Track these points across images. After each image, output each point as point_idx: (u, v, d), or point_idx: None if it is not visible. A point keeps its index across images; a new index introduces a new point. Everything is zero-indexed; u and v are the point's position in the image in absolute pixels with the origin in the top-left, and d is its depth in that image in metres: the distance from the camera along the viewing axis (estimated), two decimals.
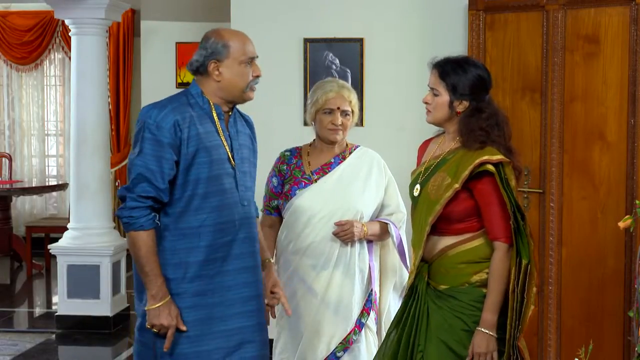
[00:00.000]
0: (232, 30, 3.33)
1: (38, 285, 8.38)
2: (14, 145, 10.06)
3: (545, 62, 4.50)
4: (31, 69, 9.94)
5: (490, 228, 3.03)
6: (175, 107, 3.15)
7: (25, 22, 9.74)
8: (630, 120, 4.24)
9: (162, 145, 3.08)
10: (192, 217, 3.12)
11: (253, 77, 3.20)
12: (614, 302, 4.34)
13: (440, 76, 3.12)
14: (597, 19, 4.34)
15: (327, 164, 3.76)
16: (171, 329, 3.09)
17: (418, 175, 3.24)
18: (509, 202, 2.99)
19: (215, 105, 3.22)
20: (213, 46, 3.20)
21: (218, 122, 3.21)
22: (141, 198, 3.07)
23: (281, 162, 3.82)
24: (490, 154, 3.02)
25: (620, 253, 4.31)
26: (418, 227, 3.16)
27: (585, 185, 4.40)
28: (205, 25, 7.86)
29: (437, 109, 3.15)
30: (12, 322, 7.00)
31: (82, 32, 6.54)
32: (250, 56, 3.20)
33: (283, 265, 3.78)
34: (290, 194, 3.71)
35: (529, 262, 2.99)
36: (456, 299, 3.06)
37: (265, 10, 5.44)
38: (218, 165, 3.15)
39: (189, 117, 3.14)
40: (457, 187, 3.02)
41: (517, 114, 4.58)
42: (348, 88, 3.77)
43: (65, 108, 9.88)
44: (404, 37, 5.31)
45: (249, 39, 3.26)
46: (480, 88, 3.13)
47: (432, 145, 3.30)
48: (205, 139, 3.14)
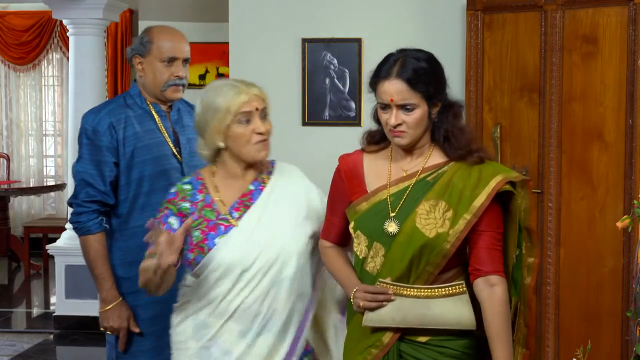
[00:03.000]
0: (163, 28, 3.32)
1: (36, 285, 8.37)
2: (12, 146, 10.06)
3: (544, 62, 4.50)
4: (29, 69, 9.94)
5: (485, 260, 2.44)
6: (110, 110, 3.20)
7: (23, 22, 9.73)
8: (629, 120, 4.24)
9: (100, 149, 3.13)
10: (140, 215, 3.14)
11: (174, 76, 3.20)
12: (612, 302, 4.34)
13: (411, 85, 2.43)
14: (595, 19, 4.34)
15: (246, 195, 2.76)
16: (122, 330, 3.14)
17: (380, 205, 2.48)
18: (517, 229, 2.50)
19: (153, 103, 3.25)
20: (140, 41, 3.24)
21: (158, 119, 3.24)
22: (86, 203, 3.13)
23: (182, 199, 2.75)
24: (503, 171, 2.47)
25: (618, 253, 4.31)
26: (391, 271, 2.45)
27: (583, 186, 4.40)
28: (203, 26, 7.90)
29: (415, 126, 2.44)
30: (10, 323, 6.99)
31: (80, 32, 6.54)
32: (170, 55, 3.19)
33: (192, 332, 2.74)
34: (206, 244, 2.69)
35: (519, 300, 2.55)
36: (446, 347, 2.47)
37: (263, 10, 5.43)
38: (162, 161, 3.17)
39: (124, 118, 3.18)
40: (472, 220, 2.41)
41: (515, 114, 4.58)
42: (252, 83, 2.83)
43: (63, 108, 9.88)
44: (402, 37, 5.30)
45: (178, 39, 3.25)
46: (444, 76, 2.53)
47: (375, 163, 2.56)
48: (144, 138, 3.18)
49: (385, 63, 2.52)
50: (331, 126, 5.38)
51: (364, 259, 2.52)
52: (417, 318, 2.44)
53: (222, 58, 7.55)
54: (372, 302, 2.45)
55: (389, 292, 2.44)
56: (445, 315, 2.44)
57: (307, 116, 5.40)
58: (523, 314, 2.53)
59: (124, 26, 9.14)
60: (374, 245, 2.48)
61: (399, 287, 2.45)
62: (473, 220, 2.40)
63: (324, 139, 5.39)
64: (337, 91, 5.37)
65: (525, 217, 2.49)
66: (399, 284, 2.45)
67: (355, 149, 2.69)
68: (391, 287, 2.44)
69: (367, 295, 2.46)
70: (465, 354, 2.48)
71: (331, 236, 2.69)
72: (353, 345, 2.57)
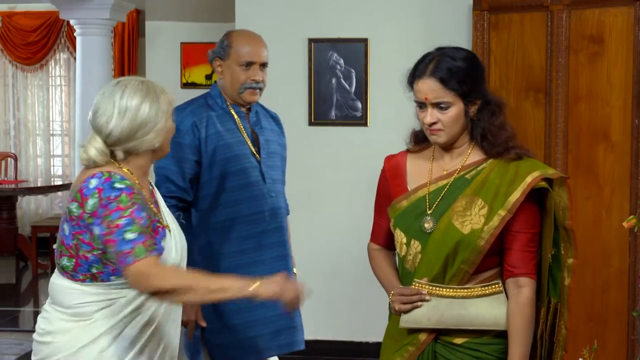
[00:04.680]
0: (243, 32, 3.48)
1: (43, 284, 8.39)
2: (20, 145, 10.08)
3: (550, 62, 4.50)
4: (36, 69, 9.96)
5: (518, 261, 2.42)
6: (192, 110, 3.31)
7: (31, 23, 9.75)
8: (635, 120, 4.23)
9: (182, 147, 3.22)
10: (221, 211, 3.27)
11: (250, 80, 3.30)
12: (618, 301, 4.33)
13: (445, 84, 2.42)
14: (602, 19, 4.34)
15: (153, 196, 2.69)
16: (190, 323, 3.19)
17: (419, 203, 2.49)
18: (552, 228, 2.43)
19: (232, 104, 3.37)
20: (220, 45, 3.37)
21: (238, 120, 3.36)
22: (165, 198, 3.10)
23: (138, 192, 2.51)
24: (541, 168, 2.43)
25: (624, 253, 4.30)
26: (428, 269, 2.45)
27: (589, 185, 4.40)
28: (210, 26, 7.91)
29: (451, 124, 2.43)
30: (18, 322, 7.01)
31: (87, 32, 6.57)
32: (247, 60, 3.30)
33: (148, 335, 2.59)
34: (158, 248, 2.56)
35: (559, 301, 2.49)
36: (481, 351, 2.45)
37: (269, 11, 5.44)
38: (242, 159, 3.29)
39: (206, 117, 3.30)
40: (507, 216, 2.38)
41: (521, 114, 4.58)
42: None
43: (70, 108, 9.90)
44: (408, 37, 5.31)
45: (255, 43, 3.36)
46: (484, 75, 2.53)
47: (418, 163, 2.58)
48: (225, 137, 3.29)
49: (422, 62, 2.51)
50: (337, 126, 5.39)
51: (403, 257, 2.51)
52: (454, 318, 2.43)
53: None
54: (407, 304, 2.44)
55: (424, 292, 2.43)
56: (482, 315, 2.42)
57: (314, 116, 5.40)
58: (564, 316, 2.49)
59: (131, 26, 9.15)
60: (412, 242, 2.48)
61: (434, 287, 2.44)
62: (507, 217, 2.38)
63: (330, 139, 5.39)
64: (343, 91, 5.37)
65: (564, 216, 2.42)
66: (434, 284, 2.44)
67: (361, 148, 2.71)
68: (426, 287, 2.43)
69: (402, 297, 2.45)
70: (499, 359, 2.45)
71: (379, 238, 2.67)
72: (392, 343, 2.56)
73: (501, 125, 2.48)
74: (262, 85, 3.38)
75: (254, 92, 3.35)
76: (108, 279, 2.48)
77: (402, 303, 2.44)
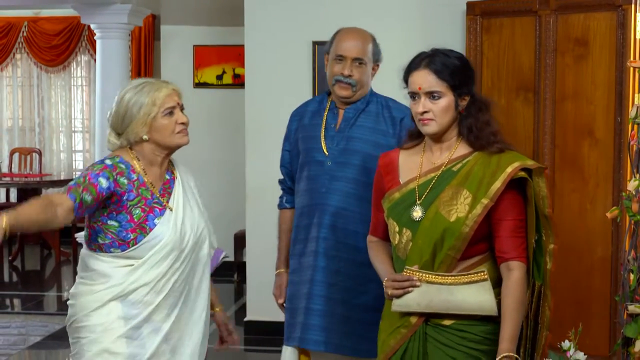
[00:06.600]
0: (347, 28, 3.23)
1: (66, 271, 8.41)
2: (44, 141, 10.10)
3: (538, 64, 4.49)
4: (59, 70, 9.96)
5: (507, 246, 2.43)
6: (304, 103, 3.34)
7: (54, 27, 9.75)
8: (617, 118, 4.23)
9: (285, 138, 3.32)
10: (297, 198, 3.26)
11: (339, 73, 3.12)
12: (601, 287, 4.33)
13: (438, 75, 2.45)
14: (587, 24, 4.33)
15: (167, 183, 2.78)
16: (276, 299, 3.26)
17: (410, 194, 2.50)
18: (534, 215, 2.44)
19: (332, 101, 3.23)
20: (329, 41, 3.22)
21: (326, 115, 3.21)
22: (279, 183, 3.36)
23: (119, 174, 2.66)
24: (521, 159, 2.44)
25: (607, 241, 4.30)
26: (418, 255, 2.46)
27: (575, 179, 4.40)
28: (221, 30, 7.90)
29: (442, 114, 2.45)
30: (42, 305, 7.03)
31: (106, 36, 6.57)
32: (339, 53, 3.12)
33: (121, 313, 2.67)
34: (147, 224, 2.67)
35: (543, 284, 2.50)
36: (467, 332, 2.46)
37: (276, 15, 5.43)
38: (310, 153, 3.18)
39: (304, 111, 3.29)
40: (489, 204, 2.39)
41: (511, 112, 4.58)
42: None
43: (90, 106, 9.90)
44: (404, 41, 5.28)
45: (350, 38, 3.14)
46: (474, 76, 2.56)
47: (410, 158, 2.59)
48: (306, 129, 3.23)
49: (417, 57, 2.53)
50: None
51: (396, 245, 2.53)
52: (442, 303, 2.44)
53: (238, 60, 7.55)
54: (398, 289, 2.46)
55: (414, 278, 2.45)
56: (468, 301, 2.43)
57: None
58: (547, 298, 2.51)
59: (147, 30, 9.14)
60: (403, 231, 2.49)
61: (424, 274, 2.45)
62: (490, 204, 2.39)
63: None
64: None
65: (544, 204, 2.44)
66: (424, 270, 2.46)
67: None
68: (416, 274, 2.45)
69: (395, 283, 2.47)
70: (486, 339, 2.46)
71: (377, 231, 2.70)
72: (387, 326, 2.59)
73: (487, 121, 2.50)
74: (352, 80, 3.11)
75: (342, 86, 3.12)
76: (109, 250, 2.68)
77: (395, 289, 2.46)
